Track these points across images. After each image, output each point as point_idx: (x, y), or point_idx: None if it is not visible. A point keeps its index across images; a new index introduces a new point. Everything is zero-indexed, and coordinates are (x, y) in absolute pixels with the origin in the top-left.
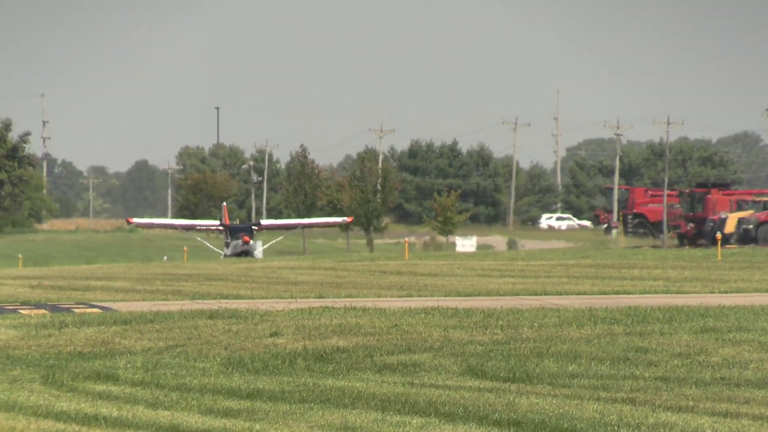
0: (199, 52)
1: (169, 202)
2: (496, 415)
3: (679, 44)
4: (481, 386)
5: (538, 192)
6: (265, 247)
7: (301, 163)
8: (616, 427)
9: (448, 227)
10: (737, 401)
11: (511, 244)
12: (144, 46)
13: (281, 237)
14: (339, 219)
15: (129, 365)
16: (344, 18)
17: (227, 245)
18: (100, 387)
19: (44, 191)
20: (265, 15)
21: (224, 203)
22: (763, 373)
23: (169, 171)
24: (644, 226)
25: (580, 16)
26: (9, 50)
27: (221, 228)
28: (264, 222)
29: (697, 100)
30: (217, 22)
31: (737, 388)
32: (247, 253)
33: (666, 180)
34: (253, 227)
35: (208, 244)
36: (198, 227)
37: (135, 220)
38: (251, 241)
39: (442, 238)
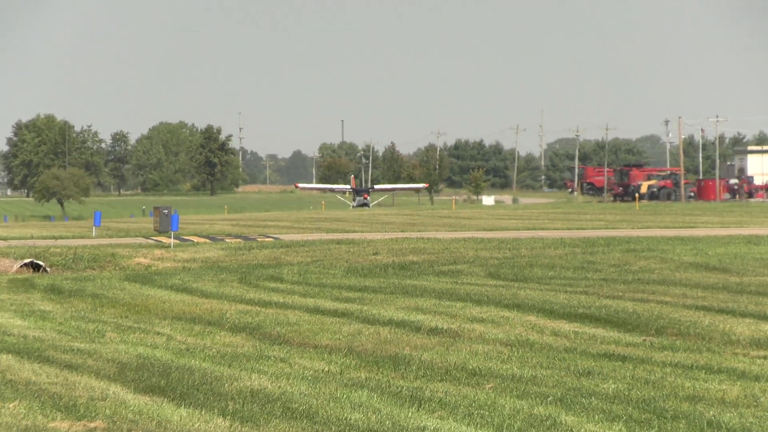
0: (325, 68)
1: (314, 175)
2: (506, 301)
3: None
4: (497, 284)
5: (531, 169)
6: (375, 203)
7: (391, 152)
8: (576, 308)
9: (478, 190)
10: (647, 293)
11: (515, 200)
12: (310, 53)
13: (385, 196)
14: (419, 185)
15: (289, 271)
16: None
17: (354, 200)
18: (272, 284)
19: (240, 168)
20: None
21: (352, 176)
22: (663, 275)
23: (314, 157)
24: (593, 190)
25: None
26: (209, 69)
27: (351, 190)
28: (377, 186)
29: (623, 112)
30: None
31: (647, 285)
32: (365, 205)
33: (605, 161)
34: (369, 189)
35: (343, 199)
36: (338, 190)
37: (300, 185)
38: (368, 198)
39: (474, 197)
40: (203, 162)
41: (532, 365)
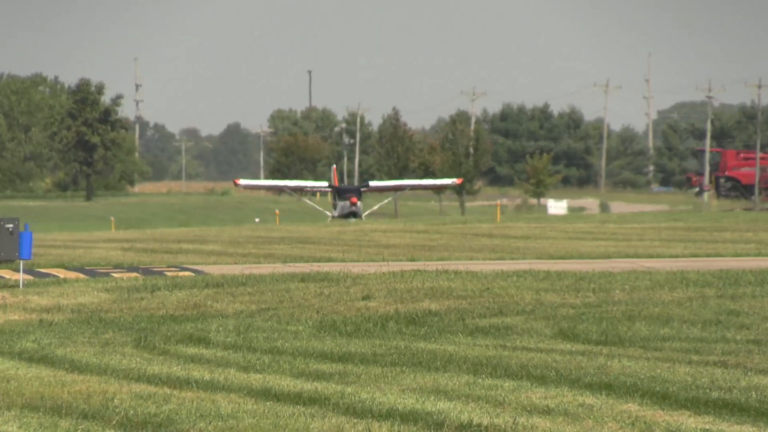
0: (292, 14)
1: (261, 164)
2: (588, 378)
3: None
4: (573, 349)
5: (630, 154)
6: (369, 211)
7: (393, 125)
8: (707, 390)
9: (540, 189)
10: None
11: (603, 207)
12: (236, 9)
13: (387, 200)
14: (449, 180)
15: (221, 328)
16: None
17: (335, 206)
18: (192, 350)
19: (136, 154)
20: None
21: (334, 165)
22: None
23: (262, 134)
24: (736, 189)
25: None
26: (102, 15)
27: (330, 189)
28: (373, 183)
29: None
30: None
31: None
32: (354, 214)
33: (758, 143)
34: (362, 188)
35: (316, 206)
36: (306, 188)
37: (242, 181)
38: (359, 203)
39: (533, 201)
40: (73, 142)
41: None
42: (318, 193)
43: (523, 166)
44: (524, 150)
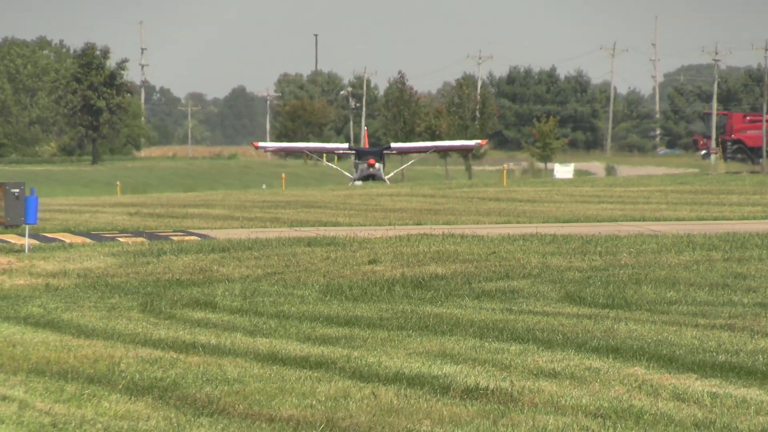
0: None
1: (268, 128)
2: (595, 341)
3: None
4: (579, 312)
5: (636, 118)
6: (392, 174)
7: (399, 89)
8: (714, 354)
9: (546, 153)
10: None
11: (610, 170)
12: None
13: (411, 161)
14: (473, 142)
15: (227, 293)
16: None
17: (356, 168)
18: (198, 314)
19: (142, 119)
20: None
21: (365, 127)
22: None
23: (268, 98)
24: (743, 152)
25: None
26: None
27: (351, 151)
28: (395, 145)
29: None
30: None
31: None
32: (373, 177)
33: (765, 106)
34: (384, 150)
35: (338, 168)
36: (327, 150)
37: (261, 144)
38: (377, 164)
39: (540, 165)
40: (79, 106)
41: None
42: (348, 158)
43: (529, 129)
44: (531, 113)
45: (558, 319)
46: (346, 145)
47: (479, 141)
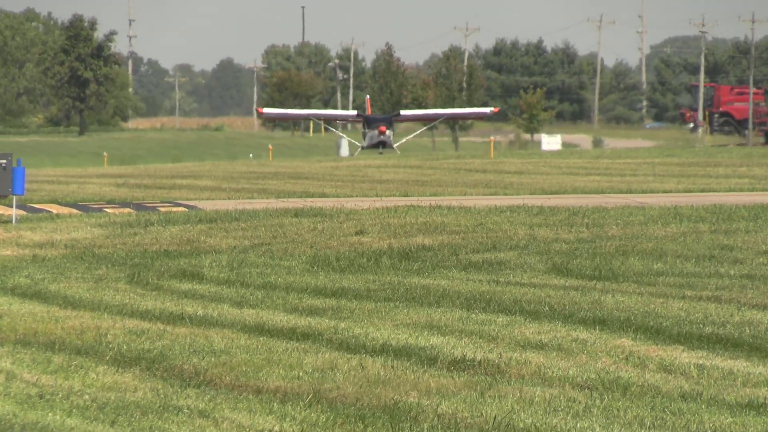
0: None
1: (255, 100)
2: (582, 313)
3: None
4: (567, 284)
5: (623, 89)
6: (401, 142)
7: (386, 61)
8: (701, 325)
9: (533, 125)
10: None
11: (597, 143)
12: None
13: (418, 131)
14: (486, 110)
15: (214, 264)
16: None
17: (364, 136)
18: (186, 286)
19: (130, 90)
20: None
21: (368, 96)
22: None
23: (255, 69)
24: (730, 124)
25: None
26: None
27: (359, 119)
28: (404, 113)
29: None
30: None
31: None
32: (384, 144)
33: (752, 78)
34: (393, 117)
35: (345, 137)
36: (334, 117)
37: (266, 110)
38: (388, 132)
39: (527, 136)
40: (66, 78)
41: (626, 423)
42: (356, 126)
43: (516, 101)
44: (518, 85)
45: (545, 291)
46: (354, 113)
47: (493, 108)
